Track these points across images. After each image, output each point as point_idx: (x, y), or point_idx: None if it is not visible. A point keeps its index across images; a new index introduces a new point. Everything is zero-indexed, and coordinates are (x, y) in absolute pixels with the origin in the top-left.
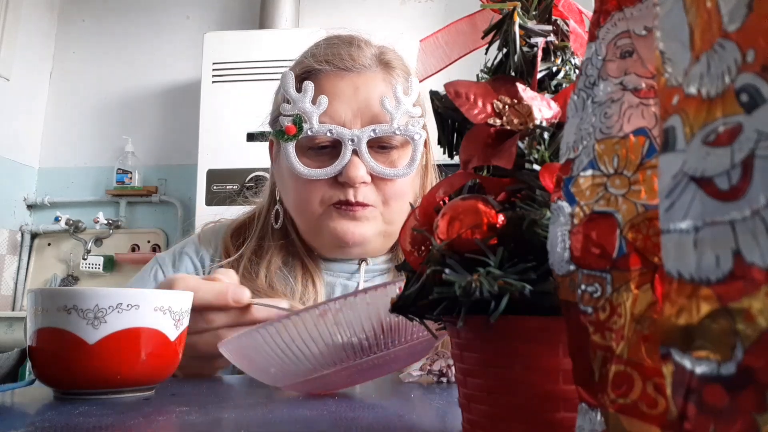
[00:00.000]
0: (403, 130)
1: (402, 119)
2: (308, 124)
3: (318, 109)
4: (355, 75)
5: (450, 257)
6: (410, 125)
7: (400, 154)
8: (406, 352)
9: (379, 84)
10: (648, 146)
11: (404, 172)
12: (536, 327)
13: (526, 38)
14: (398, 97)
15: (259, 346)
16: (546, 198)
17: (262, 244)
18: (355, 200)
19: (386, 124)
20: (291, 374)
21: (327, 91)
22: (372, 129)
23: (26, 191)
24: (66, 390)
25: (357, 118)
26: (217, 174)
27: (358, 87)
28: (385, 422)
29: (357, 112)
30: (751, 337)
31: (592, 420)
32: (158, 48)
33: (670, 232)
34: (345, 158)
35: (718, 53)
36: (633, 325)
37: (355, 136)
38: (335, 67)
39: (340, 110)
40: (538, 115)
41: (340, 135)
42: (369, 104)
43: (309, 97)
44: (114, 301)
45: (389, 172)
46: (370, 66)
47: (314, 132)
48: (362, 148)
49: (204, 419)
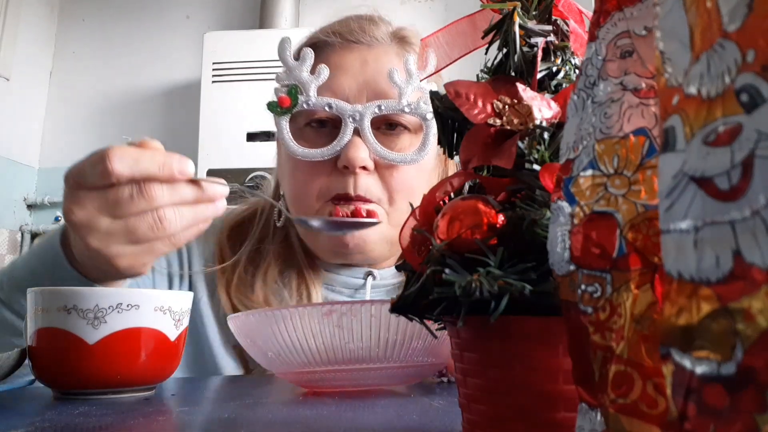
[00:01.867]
0: (413, 107)
1: (413, 95)
2: (304, 96)
3: (317, 79)
4: (365, 48)
5: (450, 257)
6: (423, 102)
7: (412, 141)
8: (400, 373)
9: (392, 59)
10: (648, 146)
11: (412, 157)
12: (536, 327)
13: (526, 38)
14: (409, 69)
15: (263, 328)
16: (546, 198)
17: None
18: (355, 193)
19: (394, 100)
20: (286, 363)
21: (331, 64)
22: (377, 105)
23: (26, 191)
24: (66, 390)
25: (362, 94)
26: (217, 174)
27: (366, 60)
28: (385, 422)
29: (363, 86)
30: (751, 337)
31: (592, 420)
32: (158, 48)
33: (670, 232)
34: (345, 137)
35: (718, 53)
36: (633, 325)
37: (357, 113)
38: (344, 39)
39: (344, 83)
40: (538, 115)
41: (340, 110)
42: (377, 79)
43: (308, 65)
44: (114, 301)
45: (395, 156)
46: (384, 40)
47: (311, 105)
48: (365, 126)
49: (204, 419)
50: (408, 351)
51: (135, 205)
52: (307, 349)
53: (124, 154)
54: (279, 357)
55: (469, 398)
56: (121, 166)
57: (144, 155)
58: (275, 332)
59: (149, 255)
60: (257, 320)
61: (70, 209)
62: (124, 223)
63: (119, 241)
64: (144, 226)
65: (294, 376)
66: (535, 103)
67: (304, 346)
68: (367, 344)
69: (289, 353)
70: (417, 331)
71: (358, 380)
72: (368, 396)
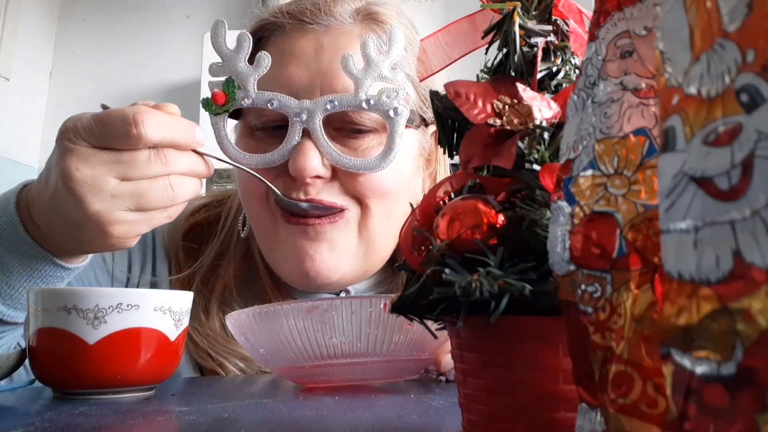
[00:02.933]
0: (374, 102)
1: (373, 87)
2: (243, 92)
3: (256, 70)
4: (321, 30)
5: (450, 257)
6: (385, 96)
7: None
8: (386, 367)
9: (353, 42)
10: (648, 146)
11: (375, 164)
12: (536, 327)
13: (526, 38)
14: (368, 55)
15: (254, 324)
16: (546, 198)
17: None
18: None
19: (349, 94)
20: (277, 359)
21: (280, 50)
22: (329, 100)
23: None
24: (66, 390)
25: (315, 88)
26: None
27: (322, 45)
28: (385, 422)
29: (316, 77)
30: (751, 337)
31: (592, 420)
32: (158, 48)
33: (670, 232)
34: (291, 140)
35: (718, 53)
36: (633, 325)
37: (305, 110)
38: (295, 20)
39: (293, 74)
40: (538, 115)
41: (285, 107)
42: (333, 69)
43: (245, 53)
44: (114, 301)
45: (354, 163)
46: (344, 22)
47: (252, 102)
48: (315, 126)
49: (204, 419)
50: (391, 345)
51: (150, 169)
52: (294, 345)
53: (155, 118)
54: (270, 353)
55: (469, 398)
56: (153, 131)
57: (171, 122)
58: (264, 329)
59: (146, 225)
60: (248, 318)
61: (75, 167)
62: (134, 186)
63: (124, 205)
64: (155, 191)
65: (286, 371)
66: (535, 103)
67: (290, 342)
68: (349, 339)
69: (278, 349)
70: (398, 326)
71: (346, 375)
72: (368, 396)
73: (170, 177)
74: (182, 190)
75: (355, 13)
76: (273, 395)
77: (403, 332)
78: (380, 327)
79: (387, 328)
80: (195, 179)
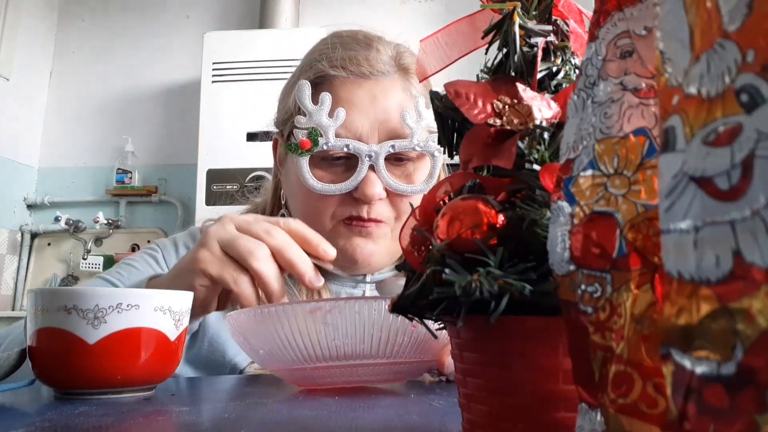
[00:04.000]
0: (422, 146)
1: (422, 134)
2: (324, 138)
3: (335, 122)
4: (372, 82)
5: (450, 257)
6: (430, 141)
7: (416, 166)
8: (388, 369)
9: (397, 92)
10: (648, 146)
11: (422, 188)
12: (536, 327)
13: (526, 38)
14: (420, 111)
15: (253, 325)
16: (546, 198)
17: None
18: (368, 217)
19: (406, 140)
20: (277, 360)
21: (343, 100)
22: (391, 145)
23: (26, 191)
24: (66, 390)
25: (375, 131)
26: (217, 174)
27: (375, 96)
28: (385, 422)
29: (375, 123)
30: (751, 337)
31: (592, 420)
32: (158, 48)
33: (670, 232)
34: (361, 174)
35: (718, 53)
36: (633, 325)
37: (373, 152)
38: (351, 74)
39: (357, 121)
40: (538, 115)
41: (357, 150)
42: (387, 116)
43: (326, 110)
44: (114, 301)
45: (407, 188)
46: (388, 72)
47: (330, 146)
48: (380, 164)
49: (204, 419)
50: (394, 347)
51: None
52: (295, 346)
53: (287, 225)
54: (270, 354)
55: (469, 398)
56: (297, 224)
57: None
58: (264, 330)
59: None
60: (247, 318)
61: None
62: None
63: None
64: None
65: (286, 373)
66: (535, 103)
67: (292, 343)
68: (352, 341)
69: (279, 350)
70: (402, 328)
71: (347, 377)
72: (368, 396)
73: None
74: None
75: (393, 62)
76: (273, 395)
77: (407, 334)
78: (384, 329)
79: (391, 330)
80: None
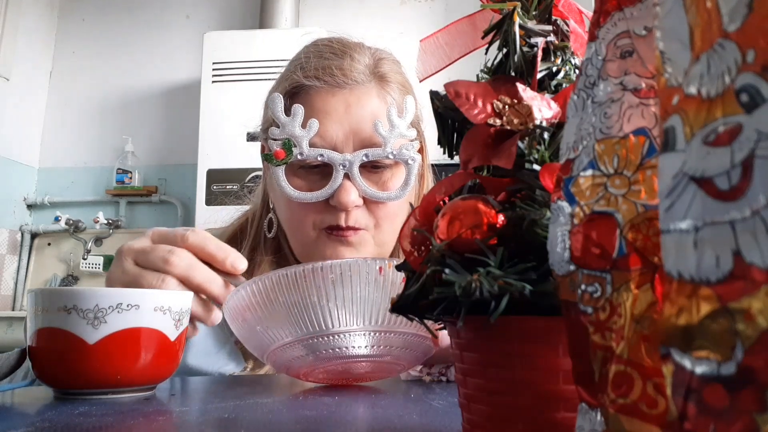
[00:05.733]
0: (396, 154)
1: (396, 143)
2: (298, 149)
3: (308, 133)
4: (347, 91)
5: (450, 257)
6: (404, 149)
7: (393, 173)
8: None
9: (372, 100)
10: (648, 146)
11: (397, 195)
12: (536, 327)
13: (526, 38)
14: (392, 120)
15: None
16: (546, 198)
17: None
18: (346, 225)
19: (379, 148)
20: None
21: (317, 109)
22: (364, 154)
23: (26, 191)
24: (66, 390)
25: (349, 140)
26: (217, 174)
27: (350, 104)
28: (385, 422)
29: (349, 132)
30: (751, 337)
31: (592, 420)
32: (158, 48)
33: (670, 232)
34: (336, 182)
35: (718, 53)
36: (633, 325)
37: (347, 161)
38: (326, 84)
39: (331, 131)
40: (538, 115)
41: (332, 160)
42: (361, 125)
43: (299, 120)
44: (114, 301)
45: (382, 195)
46: (363, 81)
47: (304, 156)
48: (354, 172)
49: (204, 419)
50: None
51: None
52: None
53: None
54: (267, 329)
55: (469, 398)
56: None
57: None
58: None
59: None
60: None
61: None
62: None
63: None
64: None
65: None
66: (535, 103)
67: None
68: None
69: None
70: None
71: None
72: (368, 396)
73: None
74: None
75: (369, 71)
76: (273, 395)
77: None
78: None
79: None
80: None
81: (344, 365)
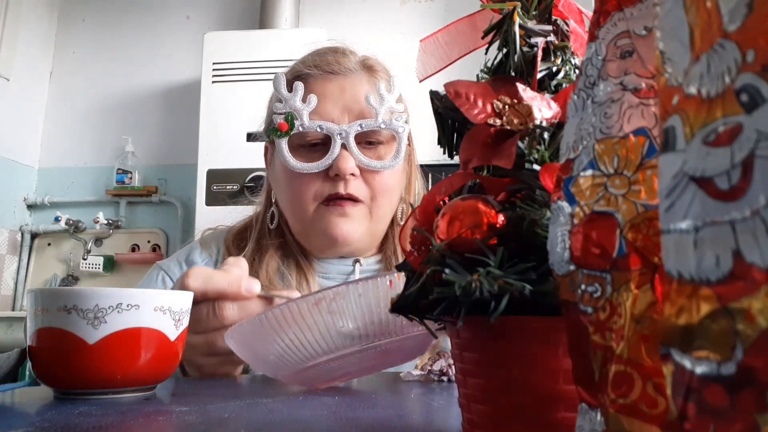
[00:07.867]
0: (387, 123)
1: (386, 114)
2: (299, 121)
3: (308, 106)
4: (341, 77)
5: (450, 257)
6: (394, 120)
7: (387, 150)
8: (397, 345)
9: (363, 85)
10: (648, 146)
11: (390, 164)
12: (536, 327)
13: (526, 38)
14: (381, 94)
15: (259, 332)
16: (546, 198)
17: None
18: (346, 192)
19: (371, 119)
20: (289, 363)
21: (316, 92)
22: (359, 123)
23: (26, 191)
24: (66, 390)
25: (344, 115)
26: (217, 174)
27: (344, 88)
28: (385, 422)
29: (344, 109)
30: (751, 337)
31: (592, 420)
32: (158, 48)
33: (670, 232)
34: (335, 152)
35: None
36: (633, 325)
37: (343, 131)
38: (323, 71)
39: (329, 108)
40: (538, 115)
41: (329, 130)
42: (355, 102)
43: (299, 95)
44: (114, 301)
45: (376, 163)
46: (355, 69)
47: (305, 128)
48: (350, 142)
49: (204, 419)
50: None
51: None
52: (306, 342)
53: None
54: (281, 358)
55: (469, 398)
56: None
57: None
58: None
59: (231, 365)
60: (252, 327)
61: None
62: (203, 338)
63: (202, 352)
64: (221, 340)
65: (301, 375)
66: (535, 103)
67: (302, 339)
68: (362, 323)
69: (290, 351)
70: None
71: (365, 364)
72: (368, 396)
73: None
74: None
75: (360, 64)
76: (273, 395)
77: None
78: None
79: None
80: None
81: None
